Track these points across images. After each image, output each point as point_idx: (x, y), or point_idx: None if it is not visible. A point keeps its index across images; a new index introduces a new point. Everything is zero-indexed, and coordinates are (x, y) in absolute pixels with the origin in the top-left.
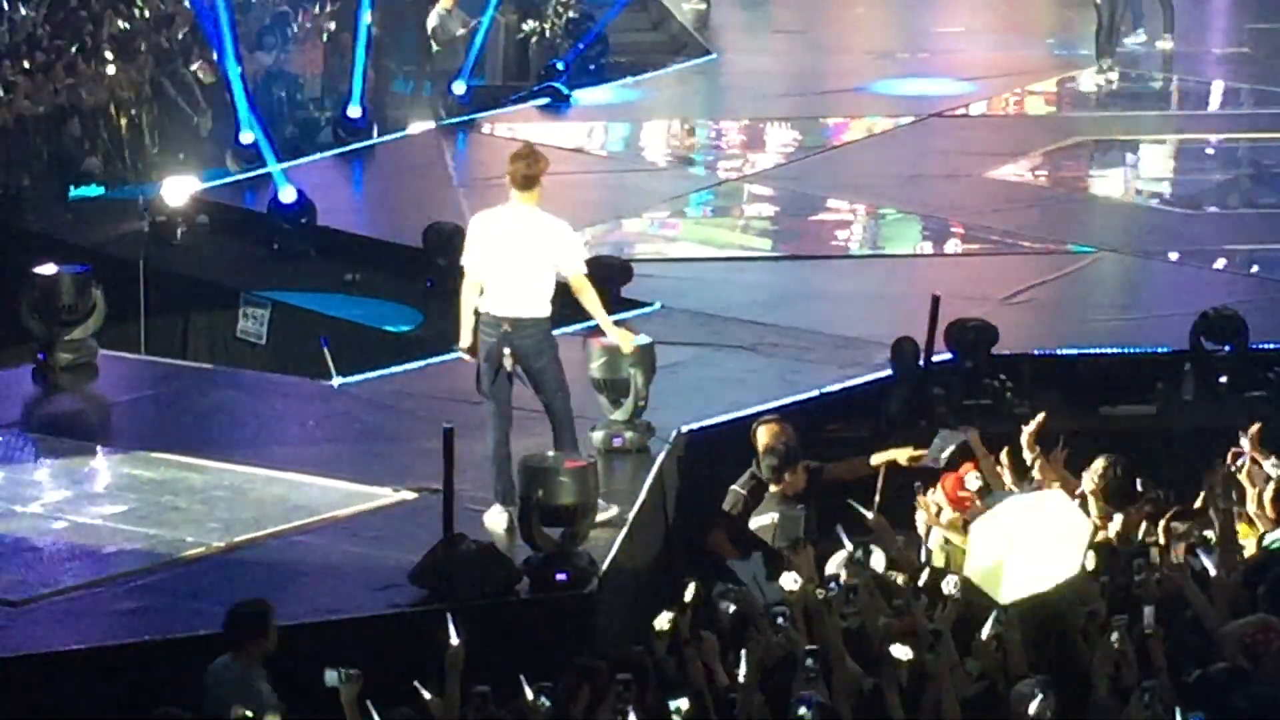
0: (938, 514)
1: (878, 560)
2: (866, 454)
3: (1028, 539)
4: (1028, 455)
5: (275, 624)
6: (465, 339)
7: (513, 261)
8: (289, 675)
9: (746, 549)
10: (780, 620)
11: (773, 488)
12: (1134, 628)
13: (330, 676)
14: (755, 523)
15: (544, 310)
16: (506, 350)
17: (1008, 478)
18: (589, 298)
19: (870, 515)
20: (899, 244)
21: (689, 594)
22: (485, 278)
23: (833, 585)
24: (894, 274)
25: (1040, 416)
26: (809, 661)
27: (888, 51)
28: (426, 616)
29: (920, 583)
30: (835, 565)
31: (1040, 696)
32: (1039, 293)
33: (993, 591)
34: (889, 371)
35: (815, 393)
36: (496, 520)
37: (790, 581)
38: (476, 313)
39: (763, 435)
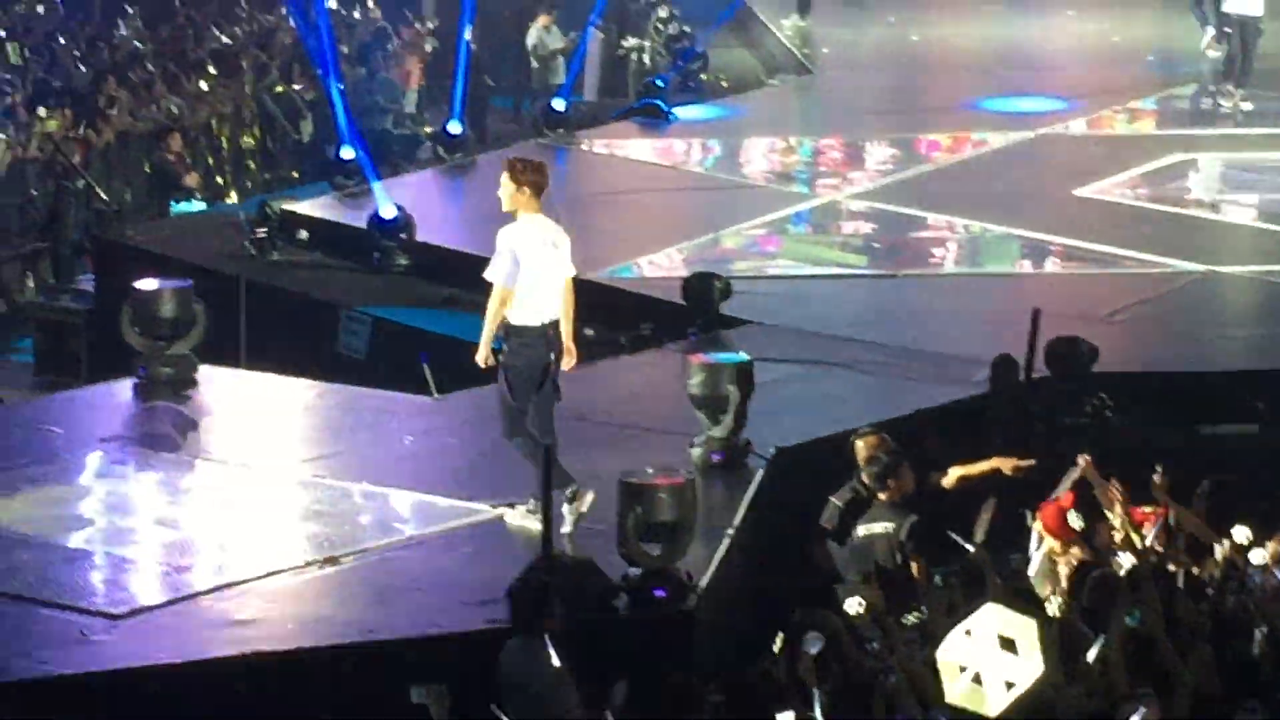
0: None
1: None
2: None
3: (985, 654)
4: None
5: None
6: (486, 354)
7: (553, 270)
8: (385, 691)
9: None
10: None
11: (881, 496)
12: (1234, 648)
13: (416, 693)
14: (864, 530)
15: None
16: (552, 355)
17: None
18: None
19: (972, 548)
20: (998, 262)
21: (778, 645)
22: (531, 289)
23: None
24: (993, 292)
25: (1158, 474)
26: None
27: (988, 69)
28: None
29: None
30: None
31: (1142, 710)
32: (1140, 311)
33: (980, 709)
34: (988, 389)
35: (914, 410)
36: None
37: (855, 606)
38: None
39: (861, 448)
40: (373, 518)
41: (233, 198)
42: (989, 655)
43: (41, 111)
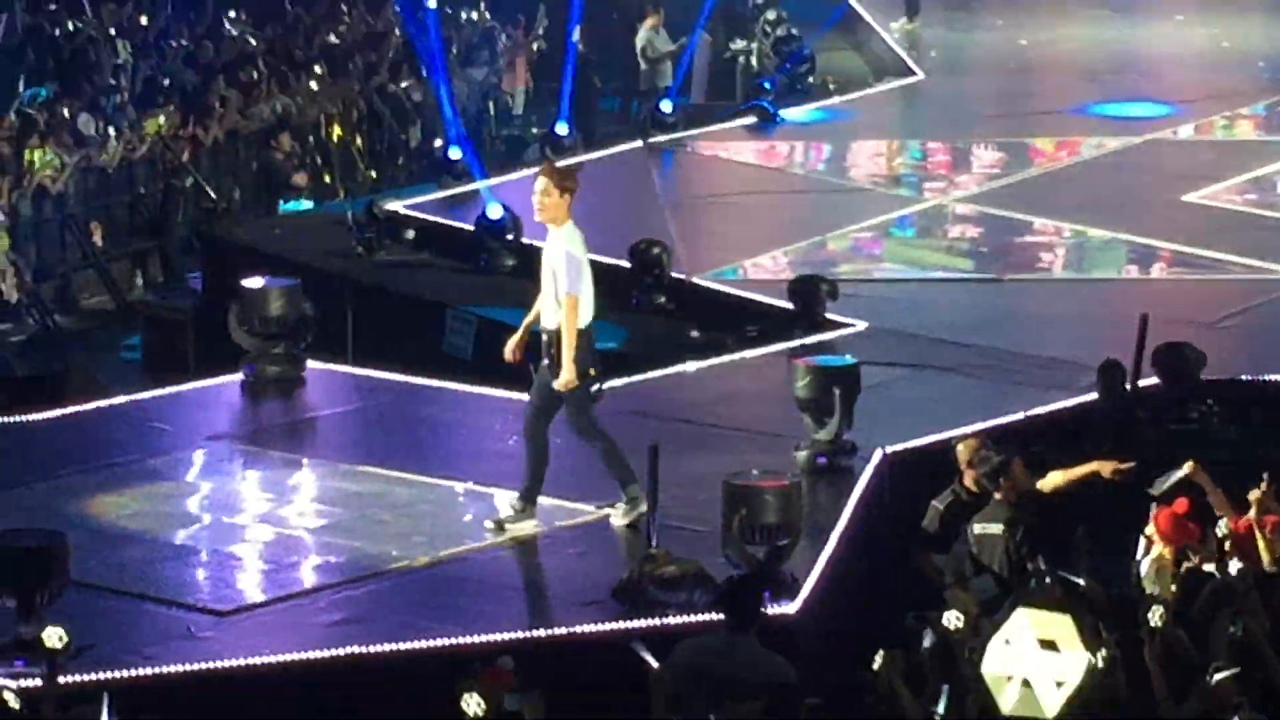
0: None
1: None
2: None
3: (1028, 659)
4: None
5: None
6: (572, 377)
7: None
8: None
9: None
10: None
11: (996, 495)
12: None
13: (511, 700)
14: (979, 528)
15: None
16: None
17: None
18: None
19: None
20: (1105, 267)
21: (878, 663)
22: (585, 294)
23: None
24: (1100, 297)
25: (1265, 482)
26: None
27: (1096, 73)
28: (629, 633)
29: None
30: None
31: None
32: (1249, 317)
33: (1038, 713)
34: (1095, 395)
35: (1020, 415)
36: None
37: (953, 620)
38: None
39: (963, 451)
40: (476, 518)
41: (340, 197)
42: (1032, 659)
43: (151, 111)
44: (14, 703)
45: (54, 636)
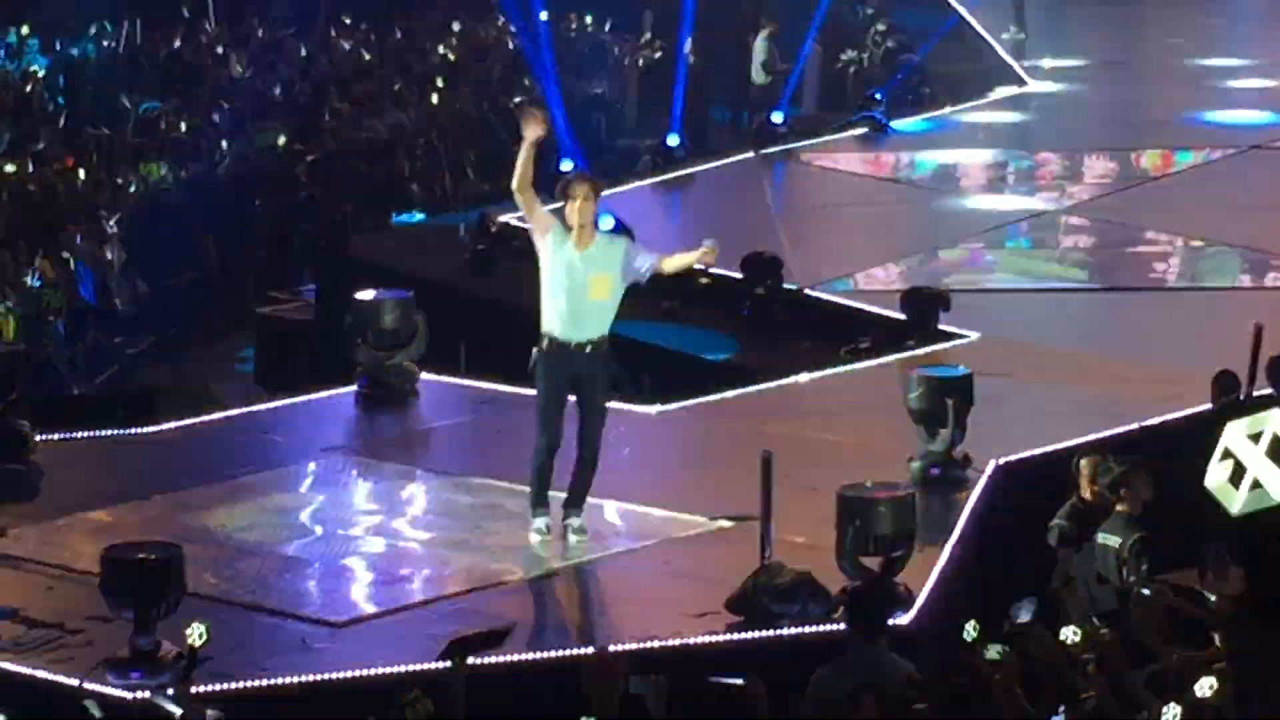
0: None
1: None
2: None
3: (1257, 457)
4: None
5: None
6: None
7: None
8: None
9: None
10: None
11: (1119, 507)
12: None
13: (636, 685)
14: (1100, 539)
15: None
16: None
17: None
18: None
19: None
20: (1219, 277)
21: (969, 632)
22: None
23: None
24: (1213, 307)
25: None
26: None
27: (1205, 82)
28: (743, 645)
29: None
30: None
31: None
32: None
33: (1227, 502)
34: (1208, 406)
35: (1134, 426)
36: None
37: (1071, 633)
38: None
39: (1085, 466)
40: (590, 529)
41: (453, 209)
42: (1257, 461)
43: (266, 124)
44: (96, 712)
45: (195, 633)
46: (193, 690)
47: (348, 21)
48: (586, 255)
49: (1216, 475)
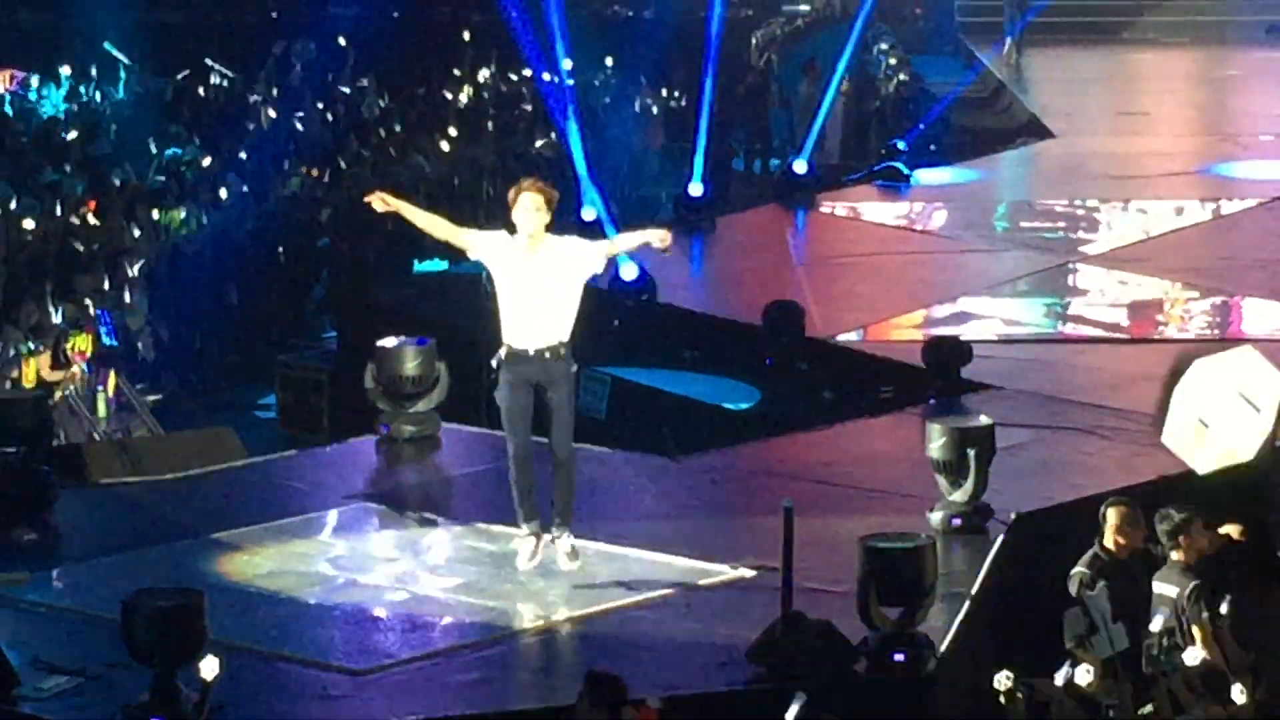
0: None
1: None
2: None
3: (1221, 402)
4: None
5: None
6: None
7: None
8: None
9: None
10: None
11: (1174, 556)
12: None
13: None
14: (1157, 589)
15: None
16: None
17: None
18: None
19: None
20: (1242, 328)
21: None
22: None
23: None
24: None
25: None
26: None
27: (1230, 134)
28: (764, 695)
29: None
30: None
31: None
32: None
33: (1190, 461)
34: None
35: (1156, 476)
36: None
37: (1084, 674)
38: None
39: (1112, 516)
40: (611, 577)
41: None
42: (1223, 405)
43: (288, 170)
44: None
45: (209, 667)
46: None
47: (370, 71)
48: (537, 261)
49: (1178, 432)
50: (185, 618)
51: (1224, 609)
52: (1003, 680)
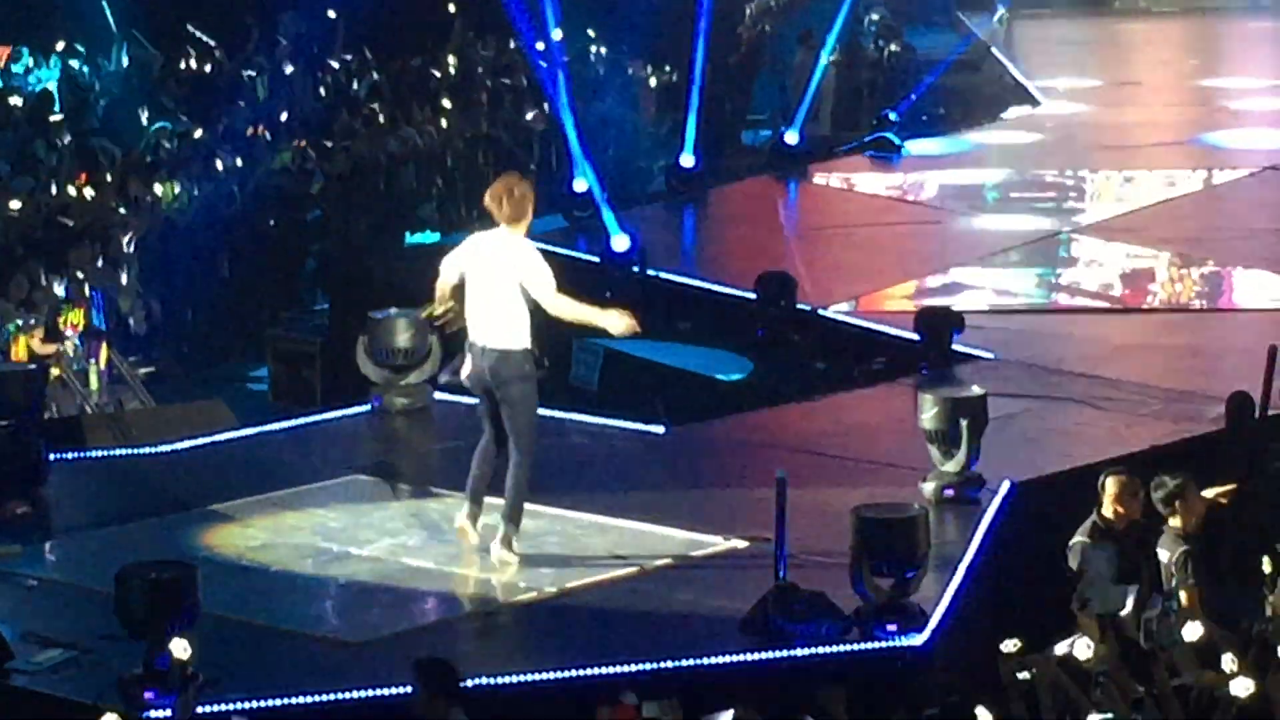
0: None
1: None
2: None
3: None
4: None
5: None
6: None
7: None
8: None
9: None
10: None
11: (1172, 522)
12: None
13: (649, 707)
14: (1161, 555)
15: None
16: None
17: None
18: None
19: None
20: (1234, 298)
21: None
22: None
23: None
24: (1230, 328)
25: None
26: None
27: (1220, 103)
28: (756, 666)
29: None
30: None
31: None
32: None
33: None
34: (1222, 427)
35: (1148, 446)
36: None
37: (1084, 649)
38: None
39: (1111, 485)
40: (603, 549)
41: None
42: None
43: (279, 143)
44: None
45: (179, 647)
46: (201, 710)
47: (363, 43)
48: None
49: None
50: (178, 590)
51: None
52: (1009, 646)
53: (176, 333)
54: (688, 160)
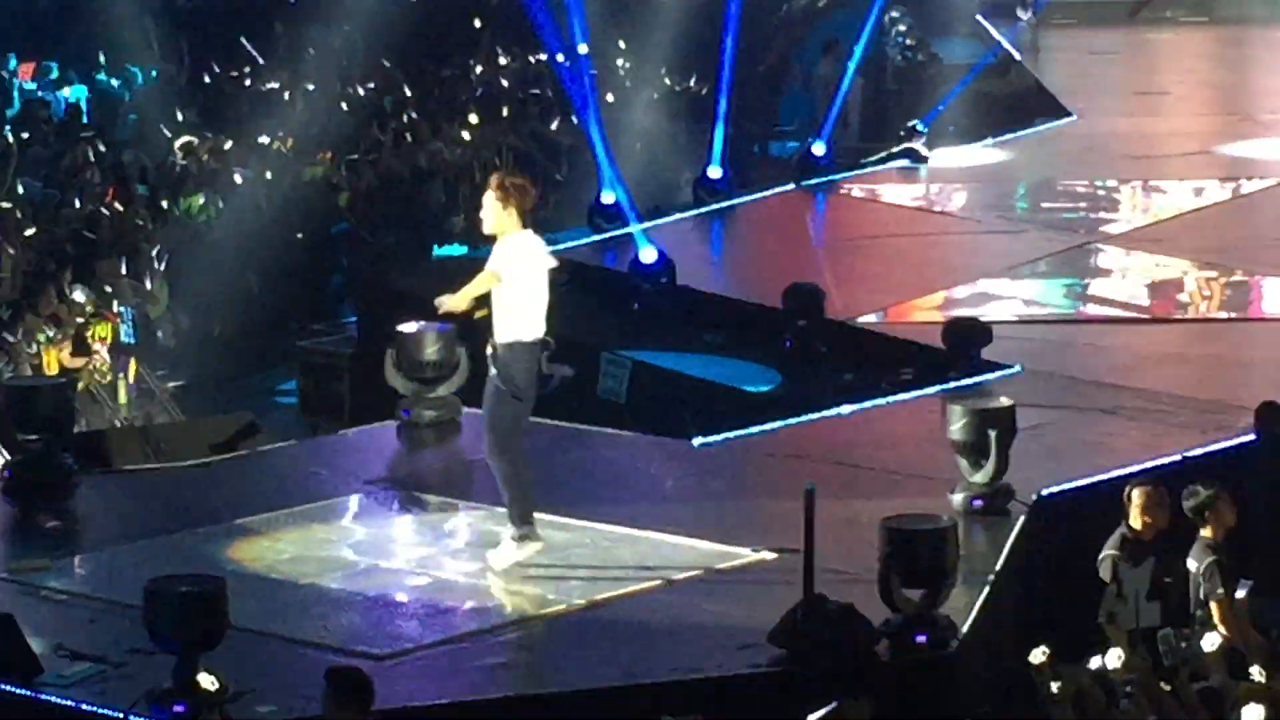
0: None
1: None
2: None
3: None
4: None
5: None
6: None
7: (545, 290)
8: None
9: None
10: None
11: (1203, 532)
12: None
13: None
14: (1190, 565)
15: None
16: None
17: None
18: None
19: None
20: (1263, 307)
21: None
22: (530, 304)
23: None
24: (1258, 338)
25: None
26: None
27: (1248, 114)
28: (785, 677)
29: None
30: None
31: None
32: None
33: None
34: (1252, 437)
35: (1178, 457)
36: None
37: (1114, 659)
38: None
39: (1136, 496)
40: (634, 561)
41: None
42: None
43: (308, 157)
44: None
45: (206, 680)
46: None
47: (389, 55)
48: (542, 258)
49: None
50: (207, 604)
51: (1240, 594)
52: (1038, 655)
53: (205, 346)
54: (715, 172)
